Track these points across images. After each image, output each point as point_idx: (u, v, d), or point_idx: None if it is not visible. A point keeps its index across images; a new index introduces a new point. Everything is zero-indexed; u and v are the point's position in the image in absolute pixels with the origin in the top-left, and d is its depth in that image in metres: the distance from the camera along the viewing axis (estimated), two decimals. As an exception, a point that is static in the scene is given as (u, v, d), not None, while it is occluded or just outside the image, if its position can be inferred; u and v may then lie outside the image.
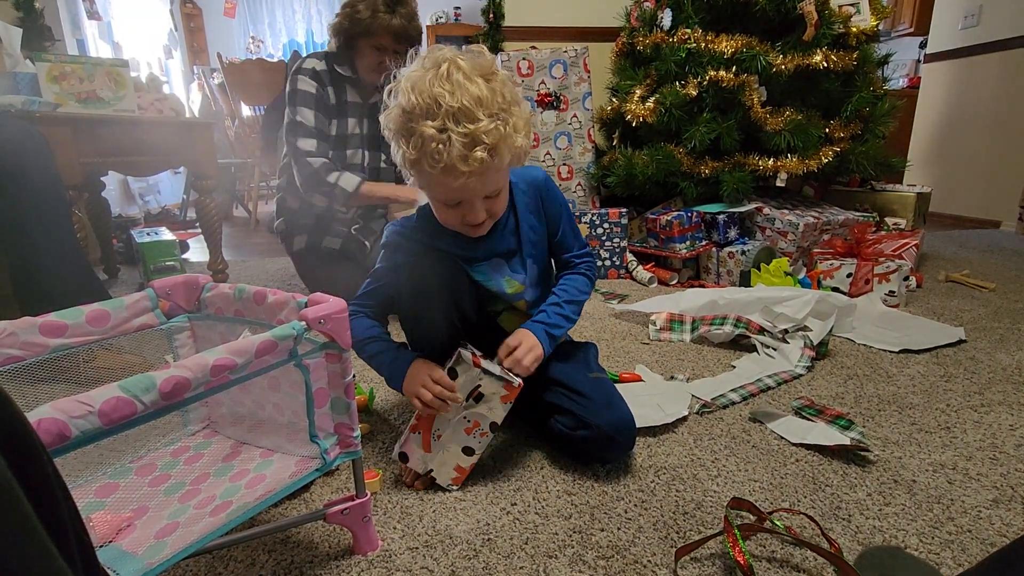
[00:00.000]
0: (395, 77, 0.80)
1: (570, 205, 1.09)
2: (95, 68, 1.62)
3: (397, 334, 0.94)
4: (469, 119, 0.73)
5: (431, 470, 0.87)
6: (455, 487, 0.87)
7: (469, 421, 0.86)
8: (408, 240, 0.93)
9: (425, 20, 5.44)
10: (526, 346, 0.88)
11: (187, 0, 5.46)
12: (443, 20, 5.46)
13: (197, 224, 2.10)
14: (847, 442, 0.94)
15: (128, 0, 4.33)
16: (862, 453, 0.94)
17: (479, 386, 0.85)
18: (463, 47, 0.85)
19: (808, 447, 0.97)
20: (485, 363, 0.85)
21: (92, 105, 1.62)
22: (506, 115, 0.77)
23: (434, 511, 0.83)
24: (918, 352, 1.39)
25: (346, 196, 1.55)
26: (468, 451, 0.87)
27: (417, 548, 0.75)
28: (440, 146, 0.73)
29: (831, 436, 0.97)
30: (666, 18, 2.22)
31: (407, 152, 0.77)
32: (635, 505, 0.83)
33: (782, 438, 1.01)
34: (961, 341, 1.45)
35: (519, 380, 0.85)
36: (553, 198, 0.96)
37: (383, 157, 1.69)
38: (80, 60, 1.61)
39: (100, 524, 0.57)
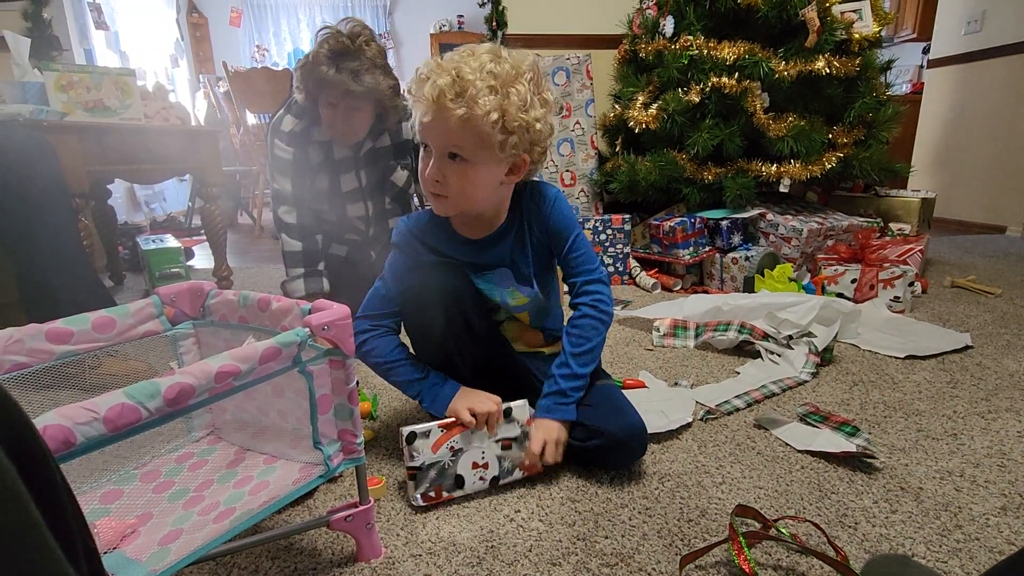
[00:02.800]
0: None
1: (573, 211, 1.08)
2: (102, 77, 1.64)
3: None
4: (457, 62, 0.78)
5: (418, 467, 0.83)
6: (421, 503, 0.83)
7: (482, 458, 0.86)
8: (416, 240, 0.94)
9: (429, 28, 5.51)
10: (551, 445, 0.87)
11: (193, 10, 5.51)
12: (447, 28, 5.51)
13: (202, 231, 2.12)
14: (853, 449, 0.94)
15: (135, 10, 4.38)
16: (868, 460, 0.94)
17: (515, 439, 0.87)
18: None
19: (814, 454, 0.97)
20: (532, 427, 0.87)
21: (99, 114, 1.63)
22: (493, 81, 0.78)
23: (437, 518, 0.82)
24: (924, 358, 1.38)
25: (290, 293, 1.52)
26: (459, 482, 0.85)
27: (420, 555, 0.75)
28: (424, 76, 0.79)
29: (837, 443, 0.97)
30: (668, 25, 2.23)
31: (407, 96, 0.83)
32: (639, 512, 0.83)
33: (787, 445, 1.00)
34: (967, 347, 1.44)
35: (541, 465, 0.88)
36: (562, 210, 0.93)
37: (387, 199, 1.62)
38: (87, 69, 1.63)
39: (105, 530, 0.57)
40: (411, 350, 0.96)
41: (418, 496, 0.83)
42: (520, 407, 0.88)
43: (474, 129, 0.78)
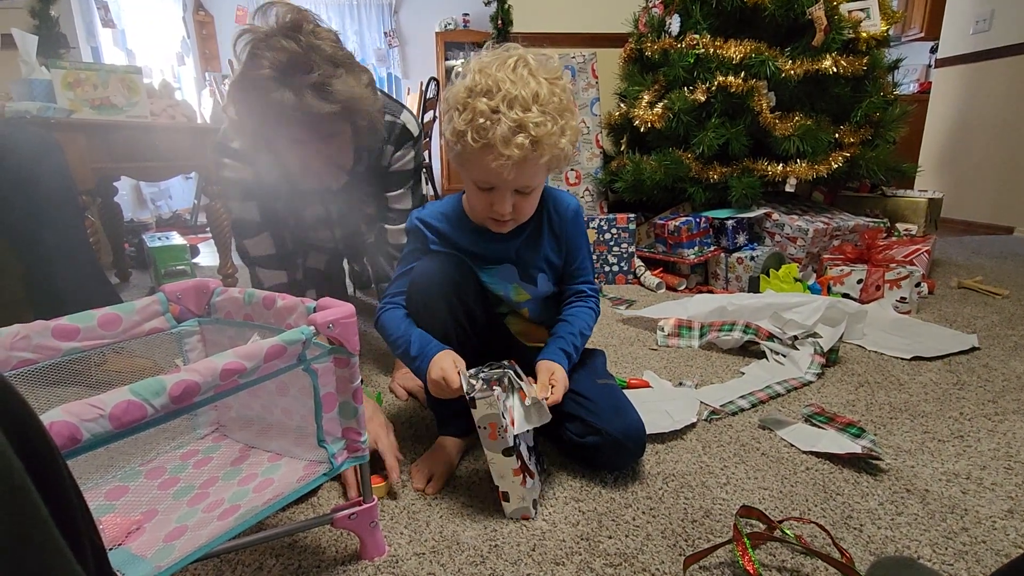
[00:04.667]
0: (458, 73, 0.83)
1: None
2: (109, 75, 1.64)
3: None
4: (522, 107, 0.77)
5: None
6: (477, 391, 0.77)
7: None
8: (425, 228, 0.95)
9: (434, 27, 5.51)
10: (557, 375, 0.87)
11: (200, 8, 5.53)
12: (452, 27, 5.51)
13: (207, 228, 2.12)
14: (858, 450, 0.93)
15: (142, 8, 4.39)
16: (874, 461, 0.93)
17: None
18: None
19: (819, 455, 0.96)
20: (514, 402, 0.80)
21: (106, 111, 1.64)
22: (558, 116, 0.80)
23: (441, 517, 0.82)
24: (930, 359, 1.37)
25: None
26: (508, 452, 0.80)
27: (424, 554, 0.75)
28: (488, 123, 0.77)
29: (842, 444, 0.96)
30: (674, 24, 2.23)
31: (457, 123, 0.80)
32: (643, 512, 0.83)
33: (792, 446, 1.00)
34: (974, 348, 1.43)
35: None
36: (578, 228, 0.98)
37: (363, 223, 1.33)
38: (94, 67, 1.63)
39: (110, 527, 0.57)
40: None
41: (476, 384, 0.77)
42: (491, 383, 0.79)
43: (550, 164, 0.83)
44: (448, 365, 0.82)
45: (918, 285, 1.77)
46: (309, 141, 0.98)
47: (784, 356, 1.35)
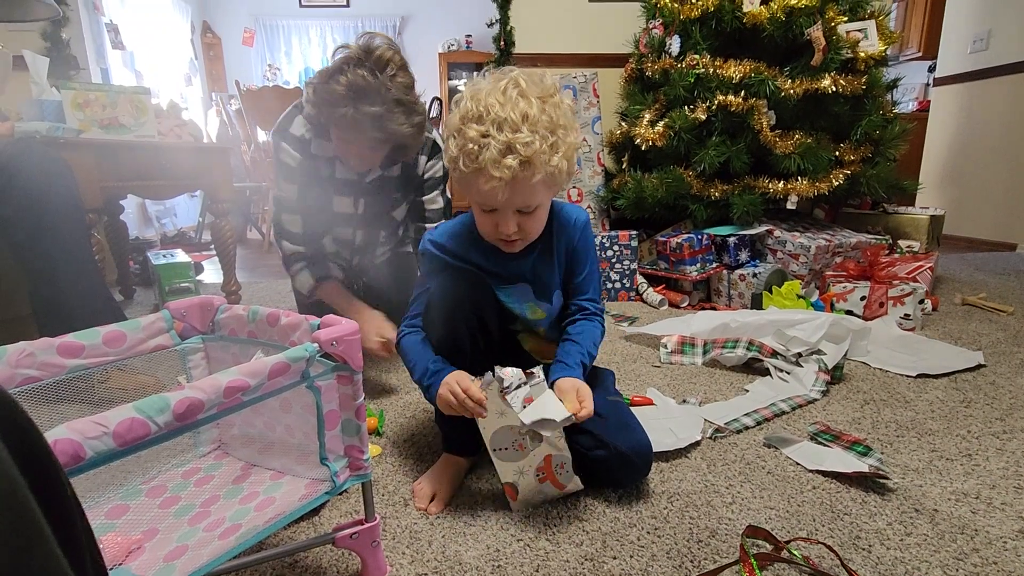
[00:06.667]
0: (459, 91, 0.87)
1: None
2: (118, 95, 1.67)
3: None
4: (512, 128, 0.78)
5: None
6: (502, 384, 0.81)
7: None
8: (438, 249, 0.96)
9: (437, 48, 5.59)
10: (583, 392, 0.86)
11: (208, 30, 5.64)
12: (455, 47, 5.59)
13: (212, 246, 2.13)
14: (865, 469, 0.92)
15: (151, 31, 4.48)
16: (881, 480, 0.92)
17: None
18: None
19: (825, 474, 0.95)
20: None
21: (114, 131, 1.66)
22: (549, 134, 0.80)
23: (443, 536, 0.81)
24: (936, 377, 1.36)
25: (298, 292, 1.47)
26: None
27: (426, 574, 0.74)
28: (477, 147, 0.78)
29: (849, 463, 0.95)
30: (674, 44, 2.26)
31: (451, 150, 0.82)
32: (648, 532, 0.82)
33: (798, 464, 0.99)
34: (980, 366, 1.42)
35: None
36: (587, 241, 0.98)
37: (383, 234, 1.51)
38: (104, 88, 1.66)
39: (110, 546, 0.57)
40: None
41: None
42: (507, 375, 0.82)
43: (546, 182, 0.83)
44: (462, 377, 0.84)
45: (922, 302, 1.77)
46: (354, 143, 1.21)
47: (788, 373, 1.34)
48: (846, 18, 2.07)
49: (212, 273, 2.85)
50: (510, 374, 0.82)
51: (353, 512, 0.87)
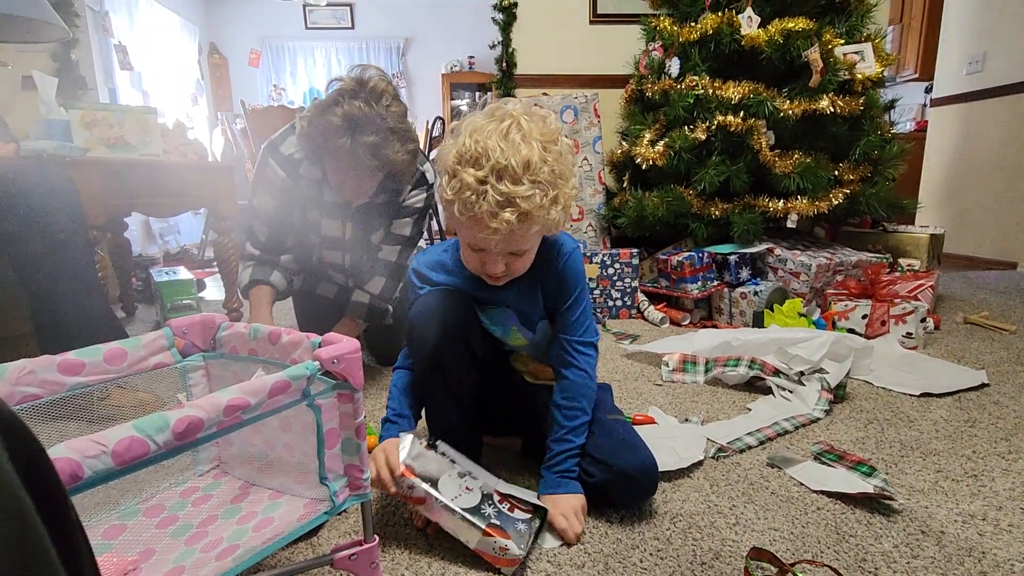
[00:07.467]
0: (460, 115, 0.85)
1: (581, 247, 1.11)
2: (125, 115, 1.69)
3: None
4: (511, 179, 0.74)
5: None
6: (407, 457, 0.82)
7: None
8: (421, 279, 0.95)
9: (440, 69, 5.68)
10: (578, 514, 0.85)
11: (214, 51, 5.73)
12: (458, 68, 5.67)
13: (214, 263, 2.14)
14: (870, 489, 0.91)
15: (159, 52, 4.55)
16: (886, 501, 0.91)
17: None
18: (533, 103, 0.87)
19: (829, 494, 0.94)
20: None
21: (120, 150, 1.68)
22: (549, 186, 0.76)
23: (443, 557, 0.80)
24: (940, 396, 1.35)
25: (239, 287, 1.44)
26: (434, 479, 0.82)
27: (425, 597, 0.73)
28: (474, 196, 0.74)
29: (853, 483, 0.94)
30: (674, 66, 2.29)
31: (445, 191, 0.78)
32: (651, 554, 0.80)
33: (802, 485, 0.97)
34: (984, 385, 1.41)
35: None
36: (574, 268, 0.92)
37: (369, 257, 1.48)
38: (111, 107, 1.68)
39: (106, 567, 0.56)
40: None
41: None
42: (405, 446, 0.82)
43: (542, 231, 0.81)
44: (390, 446, 0.83)
45: (924, 320, 1.76)
46: (350, 173, 1.22)
47: (791, 392, 1.33)
48: (843, 41, 2.10)
49: (214, 290, 2.85)
50: (408, 442, 0.82)
51: (352, 532, 0.86)
